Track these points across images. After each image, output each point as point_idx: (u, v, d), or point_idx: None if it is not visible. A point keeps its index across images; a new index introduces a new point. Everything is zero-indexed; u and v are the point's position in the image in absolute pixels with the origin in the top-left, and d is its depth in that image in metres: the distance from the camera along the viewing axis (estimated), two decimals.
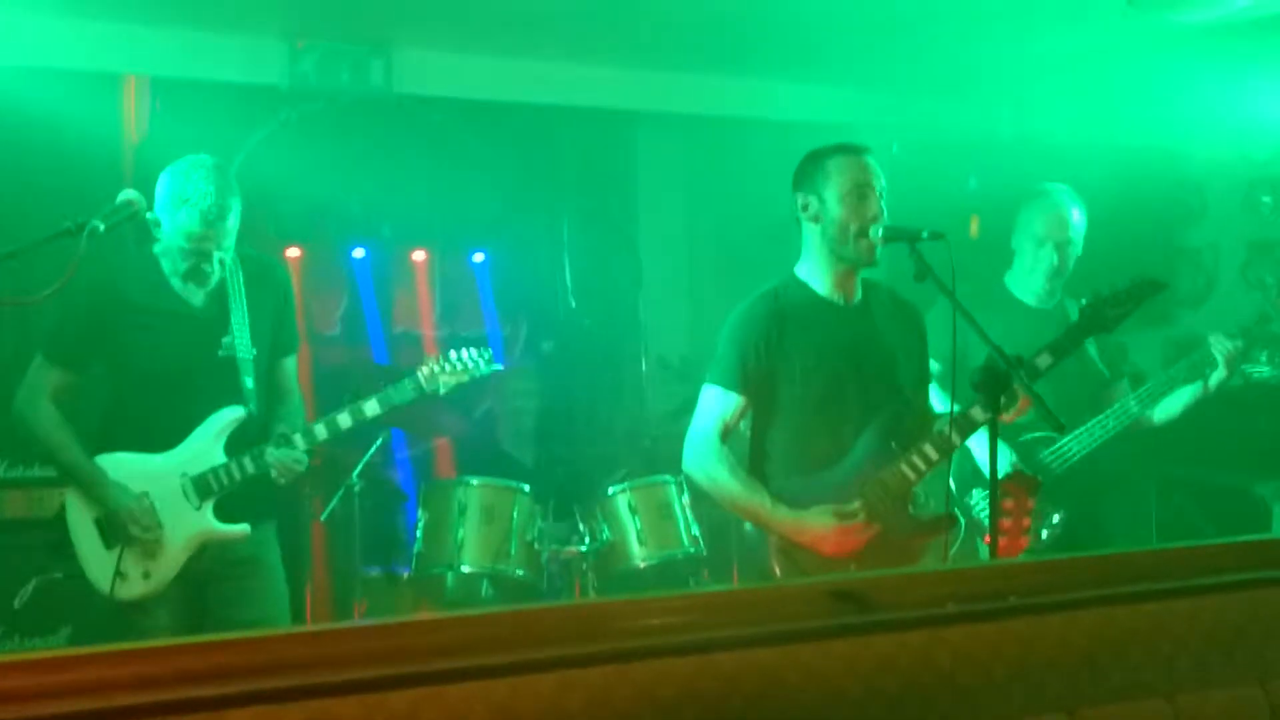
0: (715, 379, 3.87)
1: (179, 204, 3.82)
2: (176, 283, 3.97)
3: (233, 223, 3.89)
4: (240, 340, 3.99)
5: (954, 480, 4.19)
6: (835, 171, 3.81)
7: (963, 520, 4.06)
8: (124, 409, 4.01)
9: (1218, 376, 4.49)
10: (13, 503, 5.30)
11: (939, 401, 4.28)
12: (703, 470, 3.86)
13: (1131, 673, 1.85)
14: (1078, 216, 4.74)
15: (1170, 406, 4.61)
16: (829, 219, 3.80)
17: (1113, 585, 1.93)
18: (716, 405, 3.85)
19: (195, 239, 3.83)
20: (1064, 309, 4.71)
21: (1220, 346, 4.46)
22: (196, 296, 3.99)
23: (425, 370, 4.18)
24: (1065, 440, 4.56)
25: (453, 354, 4.25)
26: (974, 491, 4.53)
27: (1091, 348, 4.78)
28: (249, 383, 3.99)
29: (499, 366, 4.35)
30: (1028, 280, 4.77)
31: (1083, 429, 4.56)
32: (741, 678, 1.63)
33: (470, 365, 4.24)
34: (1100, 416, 4.57)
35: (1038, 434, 4.53)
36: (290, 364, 4.28)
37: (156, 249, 3.96)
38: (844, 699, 1.67)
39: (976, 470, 4.48)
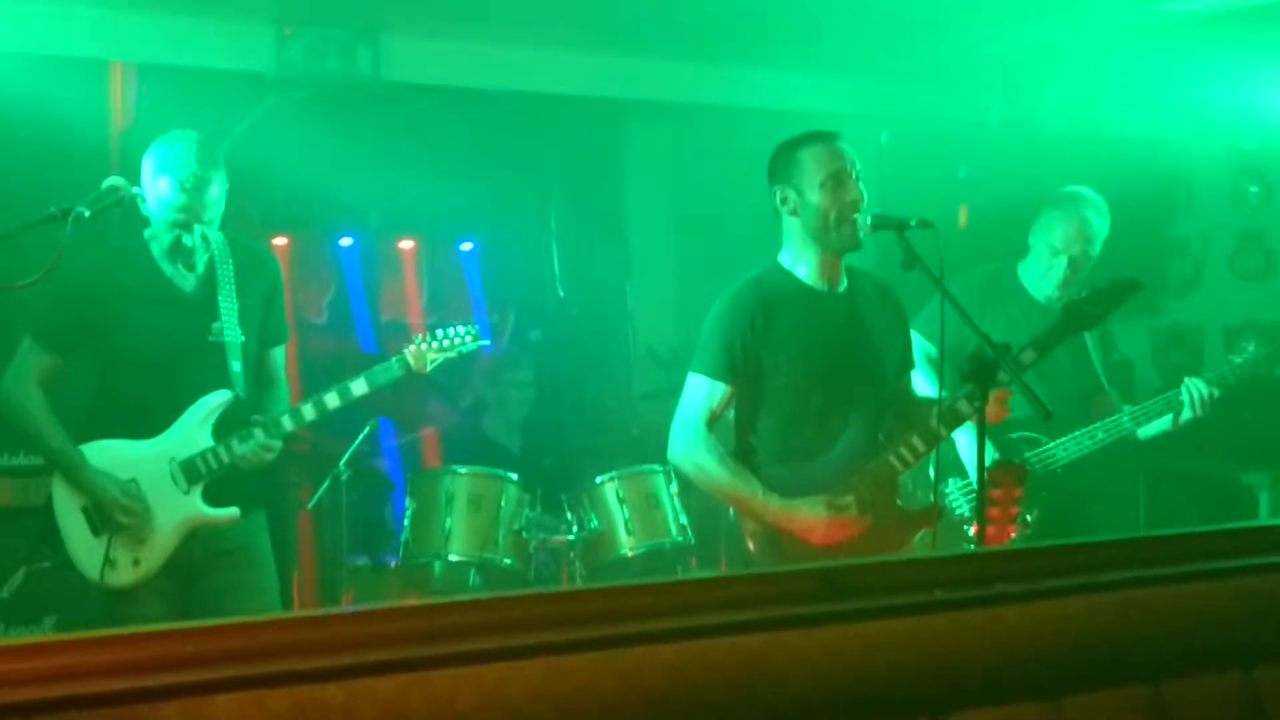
0: (700, 367, 3.86)
1: (159, 174, 3.81)
2: (167, 266, 3.95)
3: (214, 195, 3.86)
4: (229, 324, 3.97)
5: (931, 469, 4.20)
6: (809, 161, 3.79)
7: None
8: (111, 395, 3.99)
9: (1186, 416, 4.51)
10: (0, 491, 5.28)
11: (926, 386, 4.28)
12: (689, 458, 3.85)
13: (1119, 659, 1.85)
14: (1099, 225, 4.68)
15: (1154, 427, 4.62)
16: (808, 210, 3.79)
17: (1100, 572, 1.93)
18: (702, 393, 3.84)
19: (174, 209, 3.81)
20: None
21: (1195, 391, 4.48)
22: (187, 281, 3.98)
23: (412, 348, 4.15)
24: (1051, 445, 4.56)
25: (439, 331, 4.22)
26: (950, 480, 4.52)
27: (1095, 356, 4.78)
28: (236, 366, 3.97)
29: (486, 343, 4.31)
30: (1039, 281, 4.73)
31: (1070, 437, 4.55)
32: (728, 664, 1.63)
33: (457, 341, 4.21)
34: (1090, 428, 4.57)
35: (1024, 433, 4.53)
36: (279, 355, 4.26)
37: (147, 233, 3.96)
38: (830, 685, 1.67)
39: (955, 460, 4.47)
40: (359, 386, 4.05)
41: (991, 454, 4.45)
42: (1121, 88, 6.49)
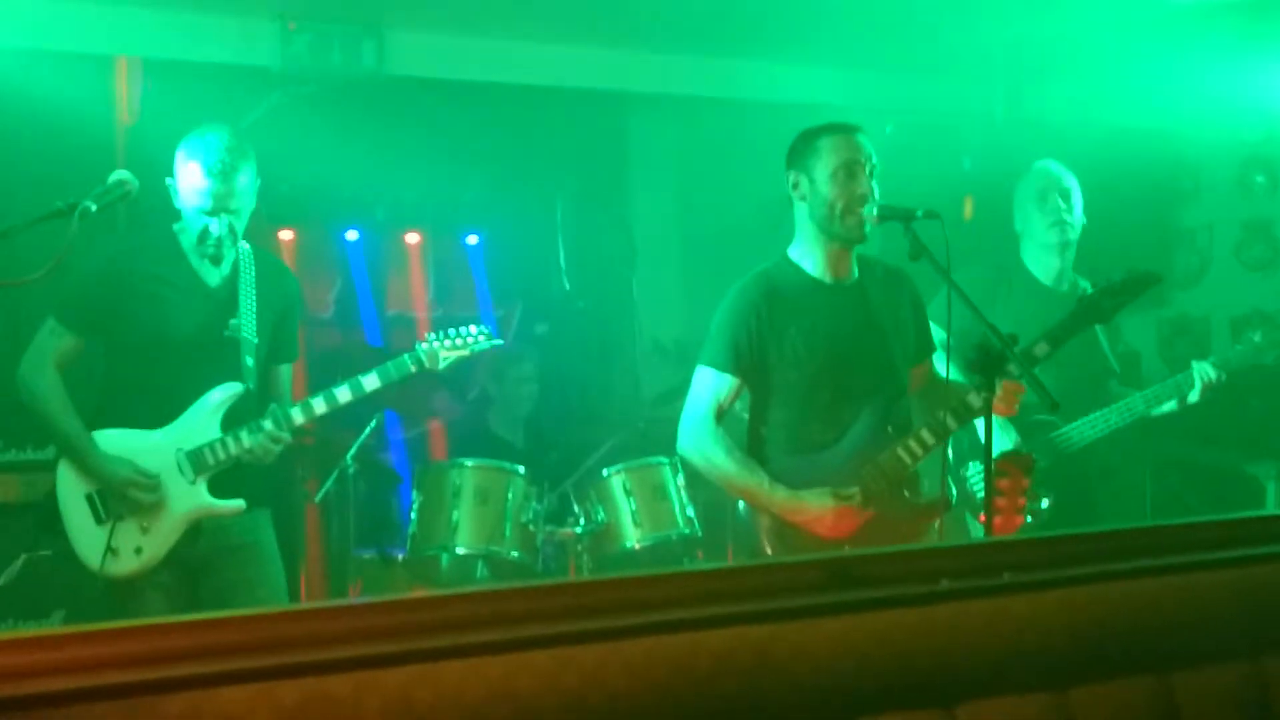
0: (708, 360, 3.87)
1: (189, 160, 3.86)
2: (194, 259, 3.99)
3: (243, 185, 3.90)
4: (246, 321, 4.00)
5: (951, 452, 4.21)
6: (824, 150, 3.80)
7: (954, 492, 4.08)
8: (123, 383, 4.01)
9: (1194, 398, 4.59)
10: (3, 486, 5.29)
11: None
12: (698, 451, 3.87)
13: (1125, 649, 1.85)
14: (1070, 182, 4.81)
15: (1163, 408, 4.68)
16: (817, 197, 3.80)
17: (1107, 562, 1.93)
18: (710, 386, 3.86)
19: (203, 195, 3.85)
20: (1078, 292, 4.71)
21: (1203, 374, 4.57)
22: (212, 276, 4.02)
23: (426, 346, 4.18)
24: (1068, 428, 4.59)
25: (452, 330, 4.24)
26: (970, 464, 4.54)
27: (1104, 340, 4.81)
28: (249, 361, 4.00)
29: (499, 342, 4.33)
30: (1039, 255, 4.81)
31: (1085, 420, 4.61)
32: (734, 655, 1.63)
33: (470, 340, 4.23)
34: (1104, 411, 4.63)
35: (1043, 417, 4.55)
36: (286, 373, 4.29)
37: (176, 226, 3.99)
38: (838, 675, 1.67)
39: (975, 443, 4.48)
40: (371, 381, 4.07)
41: (1013, 437, 4.47)
42: (1127, 79, 6.49)
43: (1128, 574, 1.90)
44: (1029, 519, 4.24)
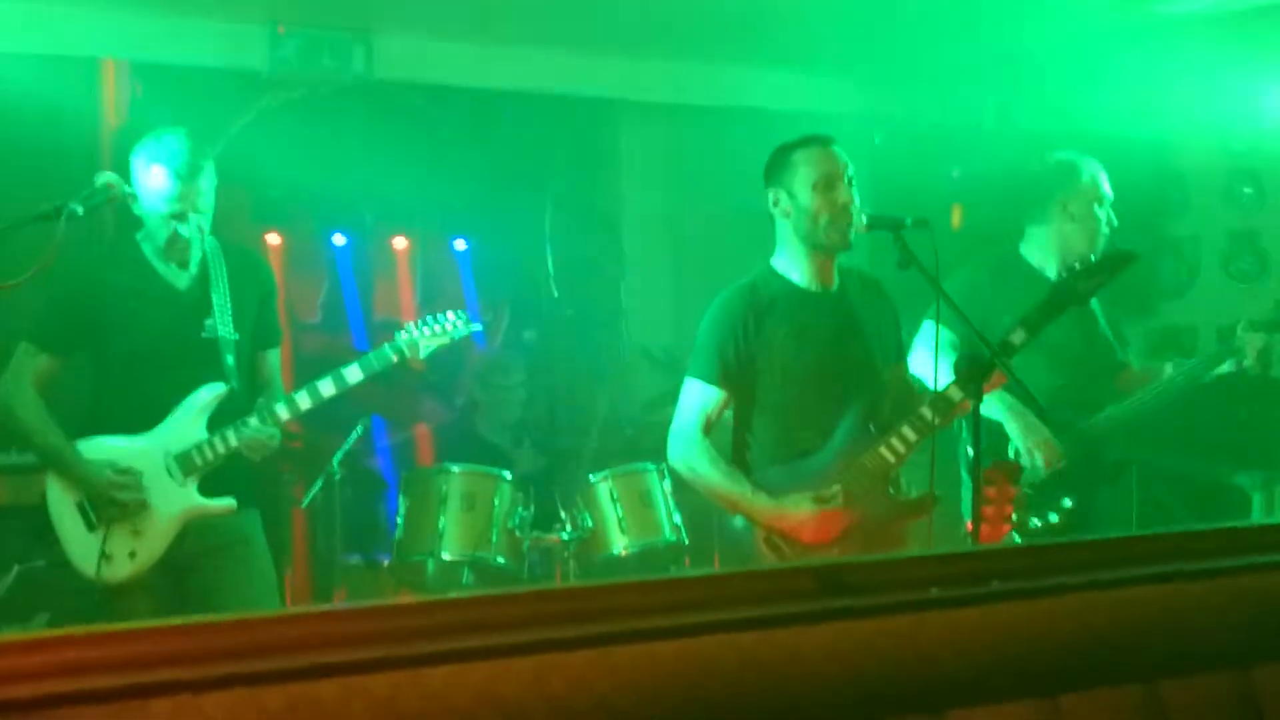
0: (696, 373, 3.90)
1: (152, 164, 3.84)
2: (160, 265, 3.98)
3: (206, 185, 3.89)
4: (222, 321, 3.99)
5: (960, 460, 4.18)
6: (802, 163, 3.83)
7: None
8: (106, 392, 4.01)
9: (1247, 363, 4.47)
10: None
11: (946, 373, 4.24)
12: (685, 463, 3.89)
13: (1115, 658, 1.85)
14: (1107, 186, 4.71)
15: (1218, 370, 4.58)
16: (799, 211, 3.82)
17: (1096, 571, 1.92)
18: (698, 399, 3.88)
19: (170, 199, 3.83)
20: None
21: (1251, 340, 4.46)
22: (180, 279, 4.00)
23: (405, 335, 4.18)
24: (1101, 416, 4.49)
25: (430, 318, 4.24)
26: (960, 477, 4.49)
27: (1109, 332, 4.77)
28: (230, 361, 4.00)
29: (478, 327, 4.33)
30: (1059, 251, 4.63)
31: (1119, 405, 4.51)
32: (722, 661, 1.62)
33: (449, 327, 4.23)
34: (1142, 392, 4.53)
35: (1065, 414, 4.45)
36: (273, 357, 4.29)
37: (139, 235, 3.97)
38: (826, 682, 1.66)
39: (990, 446, 4.37)
40: (353, 374, 4.07)
41: (1029, 425, 4.32)
42: (1115, 89, 6.50)
43: (1118, 583, 1.89)
44: (1036, 523, 4.18)
